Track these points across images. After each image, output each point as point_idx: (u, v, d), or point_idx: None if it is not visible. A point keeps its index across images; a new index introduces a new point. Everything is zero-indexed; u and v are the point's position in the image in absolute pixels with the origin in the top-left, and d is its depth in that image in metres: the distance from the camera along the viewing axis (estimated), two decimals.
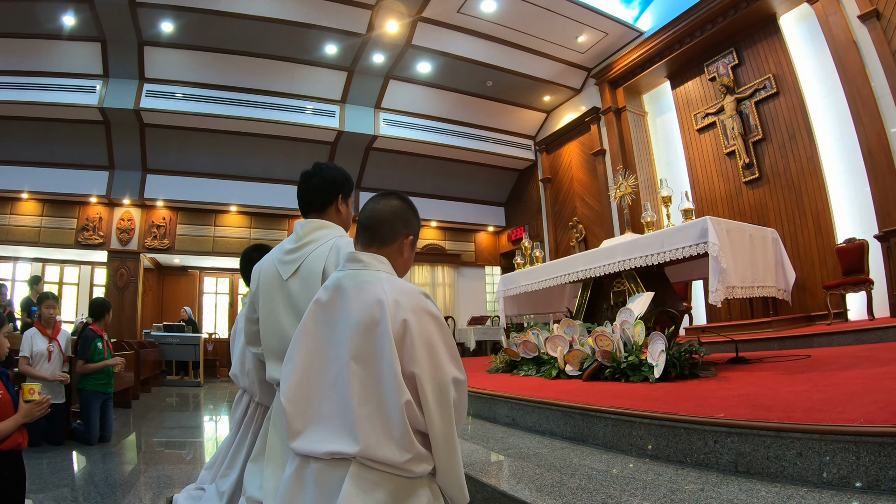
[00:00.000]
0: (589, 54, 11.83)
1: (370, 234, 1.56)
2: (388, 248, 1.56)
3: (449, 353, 1.39)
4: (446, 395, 1.35)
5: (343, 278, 1.48)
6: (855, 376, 3.21)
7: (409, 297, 1.40)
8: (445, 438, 1.35)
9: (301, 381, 1.41)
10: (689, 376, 3.98)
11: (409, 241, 1.61)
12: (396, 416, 1.29)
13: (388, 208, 1.59)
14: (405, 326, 1.34)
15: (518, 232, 15.08)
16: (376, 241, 1.56)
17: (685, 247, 4.42)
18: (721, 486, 2.03)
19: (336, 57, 11.51)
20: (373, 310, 1.37)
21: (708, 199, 9.74)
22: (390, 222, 1.57)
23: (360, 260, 1.50)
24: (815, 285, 7.78)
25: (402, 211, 1.60)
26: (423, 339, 1.35)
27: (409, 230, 1.61)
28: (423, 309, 1.39)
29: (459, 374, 1.39)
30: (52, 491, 3.64)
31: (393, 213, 1.58)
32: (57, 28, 9.93)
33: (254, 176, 13.18)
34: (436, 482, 1.41)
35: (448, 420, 1.35)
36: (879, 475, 1.78)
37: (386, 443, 1.29)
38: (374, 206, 1.60)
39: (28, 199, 11.91)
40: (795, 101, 8.39)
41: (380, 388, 1.32)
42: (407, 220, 1.61)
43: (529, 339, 5.70)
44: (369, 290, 1.41)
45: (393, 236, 1.57)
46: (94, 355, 5.60)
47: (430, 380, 1.33)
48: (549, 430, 3.45)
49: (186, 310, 13.05)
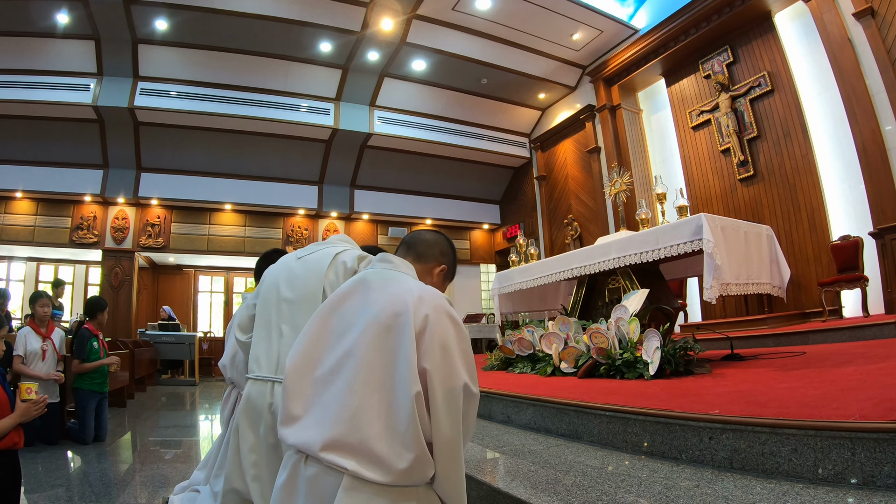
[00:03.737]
0: (584, 52, 11.84)
1: (408, 247, 1.71)
2: (420, 264, 1.66)
3: (464, 360, 1.35)
4: (456, 400, 1.30)
5: (370, 273, 1.53)
6: (850, 373, 3.22)
7: (433, 296, 1.41)
8: (450, 445, 1.30)
9: (306, 364, 1.40)
10: (685, 373, 3.99)
11: (441, 269, 1.72)
12: (405, 408, 1.25)
13: (432, 236, 1.76)
14: (426, 321, 1.33)
15: (513, 229, 15.08)
16: (411, 253, 1.69)
17: (680, 244, 4.43)
18: (716, 483, 2.03)
19: (331, 55, 11.48)
20: (396, 303, 1.38)
21: (703, 196, 9.76)
22: (430, 244, 1.72)
23: (389, 261, 1.58)
24: (810, 282, 7.80)
25: (444, 244, 1.75)
26: (440, 339, 1.33)
27: (444, 260, 1.73)
28: (444, 310, 1.38)
29: (472, 386, 1.35)
30: (47, 491, 3.62)
31: (435, 240, 1.74)
32: (50, 26, 9.88)
33: (248, 174, 13.13)
34: (433, 490, 1.35)
35: (455, 427, 1.30)
36: (875, 471, 1.78)
37: (389, 436, 1.25)
38: (422, 232, 1.77)
39: (22, 198, 11.84)
40: (790, 98, 8.41)
41: (392, 377, 1.30)
42: (445, 252, 1.74)
43: (524, 336, 5.70)
44: (394, 286, 1.44)
45: (428, 257, 1.70)
46: (91, 355, 5.57)
47: (442, 381, 1.29)
48: (544, 428, 3.45)
49: (166, 309, 12.80)
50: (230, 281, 15.30)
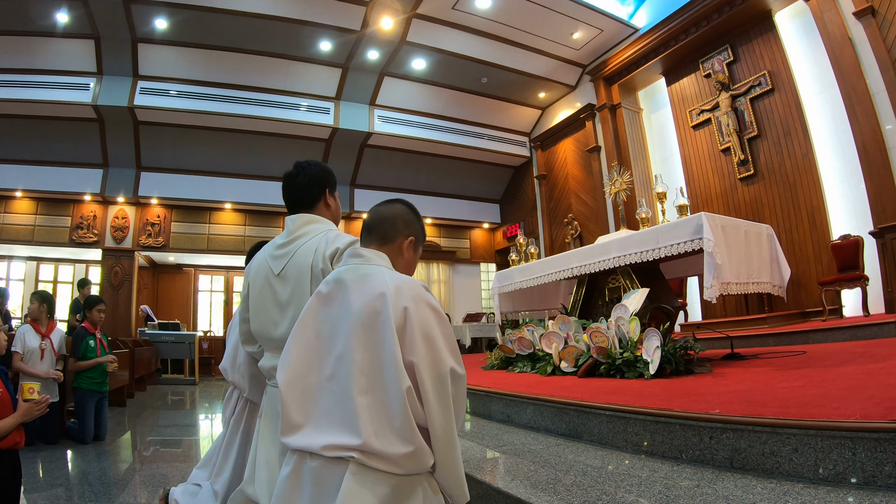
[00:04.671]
0: (584, 51, 11.83)
1: (371, 231, 1.63)
2: (388, 246, 1.60)
3: (448, 345, 1.39)
4: (445, 386, 1.34)
5: (344, 272, 1.50)
6: (850, 372, 3.22)
7: (410, 287, 1.41)
8: (445, 431, 1.34)
9: (299, 373, 1.41)
10: (685, 372, 3.99)
11: (410, 241, 1.65)
12: (398, 404, 1.28)
13: (390, 210, 1.66)
14: (406, 314, 1.35)
15: (513, 229, 15.08)
16: (376, 238, 1.61)
17: (680, 243, 4.42)
18: (717, 483, 2.03)
19: (331, 54, 11.47)
20: (374, 299, 1.38)
21: (703, 195, 9.75)
22: (391, 221, 1.63)
23: (360, 255, 1.54)
24: (811, 281, 7.80)
25: (404, 213, 1.66)
26: (422, 329, 1.35)
27: (409, 231, 1.65)
28: (422, 299, 1.40)
29: (458, 368, 1.39)
30: (47, 490, 3.62)
31: (394, 213, 1.65)
32: (50, 25, 9.87)
33: (248, 173, 13.11)
34: (435, 479, 1.40)
35: (447, 412, 1.34)
36: (875, 471, 1.78)
37: (386, 434, 1.28)
38: (378, 208, 1.68)
39: (22, 198, 11.83)
40: (790, 97, 8.40)
41: (380, 375, 1.32)
42: (408, 221, 1.66)
43: (524, 335, 5.70)
44: (370, 282, 1.43)
45: (393, 235, 1.62)
46: (88, 353, 5.56)
47: (429, 370, 1.33)
48: (544, 427, 3.45)
49: (144, 308, 12.62)
50: (230, 280, 15.29)
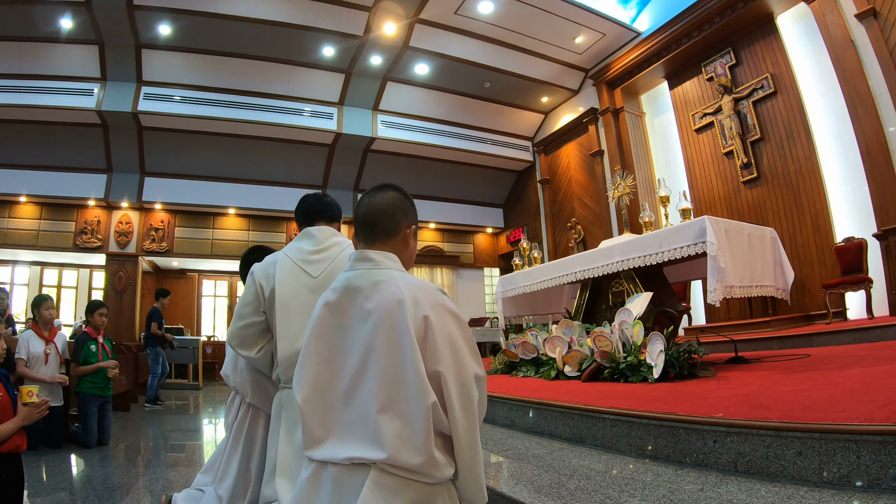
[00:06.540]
0: (586, 55, 11.84)
1: (372, 229, 1.51)
2: (392, 242, 1.51)
3: (470, 348, 1.37)
4: (470, 393, 1.31)
5: (353, 278, 1.42)
6: (855, 375, 3.21)
7: (427, 293, 1.36)
8: (469, 439, 1.31)
9: (318, 388, 1.37)
10: (689, 376, 3.98)
11: (412, 230, 1.57)
12: (420, 421, 1.25)
13: (385, 201, 1.54)
14: (426, 324, 1.30)
15: (516, 233, 15.08)
16: (380, 235, 1.51)
17: (683, 246, 4.42)
18: (721, 486, 2.02)
19: (334, 59, 11.51)
20: (391, 309, 1.32)
21: (706, 198, 9.74)
22: (390, 215, 1.52)
23: (370, 258, 1.45)
24: (814, 284, 7.78)
25: (401, 201, 1.56)
26: (445, 337, 1.32)
27: (409, 220, 1.56)
28: (441, 305, 1.36)
29: (480, 371, 1.36)
30: (51, 494, 3.63)
31: (392, 205, 1.54)
32: (54, 31, 9.92)
33: (252, 178, 13.15)
34: (454, 486, 1.37)
35: (472, 420, 1.32)
36: (880, 474, 1.77)
37: (409, 449, 1.25)
38: (371, 200, 1.54)
39: (26, 203, 11.89)
40: (793, 100, 8.40)
41: (402, 390, 1.27)
42: (406, 210, 1.56)
43: (528, 340, 5.70)
44: (385, 290, 1.36)
45: (395, 229, 1.52)
46: (89, 358, 5.56)
47: (455, 378, 1.30)
48: (547, 431, 3.44)
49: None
50: (234, 285, 15.33)
